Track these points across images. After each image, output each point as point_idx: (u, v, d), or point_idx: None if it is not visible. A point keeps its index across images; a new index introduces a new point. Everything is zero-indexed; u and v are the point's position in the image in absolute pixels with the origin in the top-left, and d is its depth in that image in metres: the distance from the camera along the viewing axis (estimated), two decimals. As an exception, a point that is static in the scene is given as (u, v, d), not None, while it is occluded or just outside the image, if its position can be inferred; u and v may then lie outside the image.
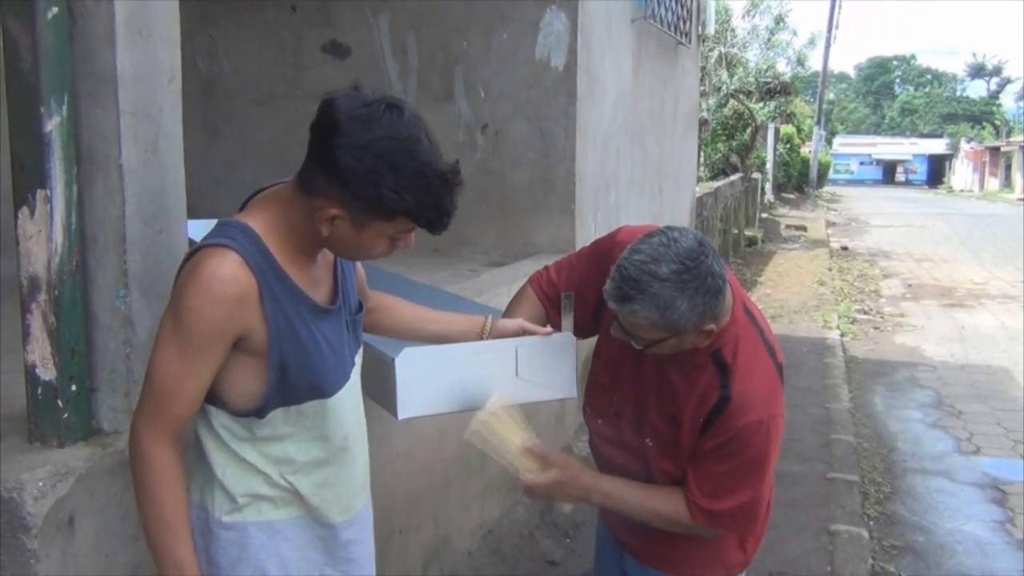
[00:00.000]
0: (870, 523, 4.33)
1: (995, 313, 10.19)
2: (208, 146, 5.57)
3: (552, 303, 2.05)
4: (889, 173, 59.40)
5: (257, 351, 1.48)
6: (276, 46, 5.44)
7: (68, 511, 1.62)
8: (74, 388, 1.72)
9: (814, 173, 31.00)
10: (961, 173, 53.21)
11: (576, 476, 1.87)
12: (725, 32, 18.26)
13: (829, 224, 21.67)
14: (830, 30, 29.10)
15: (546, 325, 2.02)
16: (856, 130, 71.73)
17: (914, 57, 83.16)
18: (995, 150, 47.00)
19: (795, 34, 21.02)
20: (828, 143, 42.99)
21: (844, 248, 16.43)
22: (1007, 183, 44.15)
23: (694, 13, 8.07)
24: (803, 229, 18.73)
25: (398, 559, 2.96)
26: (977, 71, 73.29)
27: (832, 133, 48.87)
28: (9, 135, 1.65)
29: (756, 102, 19.97)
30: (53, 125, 1.63)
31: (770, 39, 20.24)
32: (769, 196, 23.39)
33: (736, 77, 18.99)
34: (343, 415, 1.63)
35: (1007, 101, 68.02)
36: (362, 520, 1.72)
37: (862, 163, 59.06)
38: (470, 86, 4.98)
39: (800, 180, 30.26)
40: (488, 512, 3.75)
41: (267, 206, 1.52)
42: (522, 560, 3.61)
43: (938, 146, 58.10)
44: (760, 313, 1.92)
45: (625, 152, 5.96)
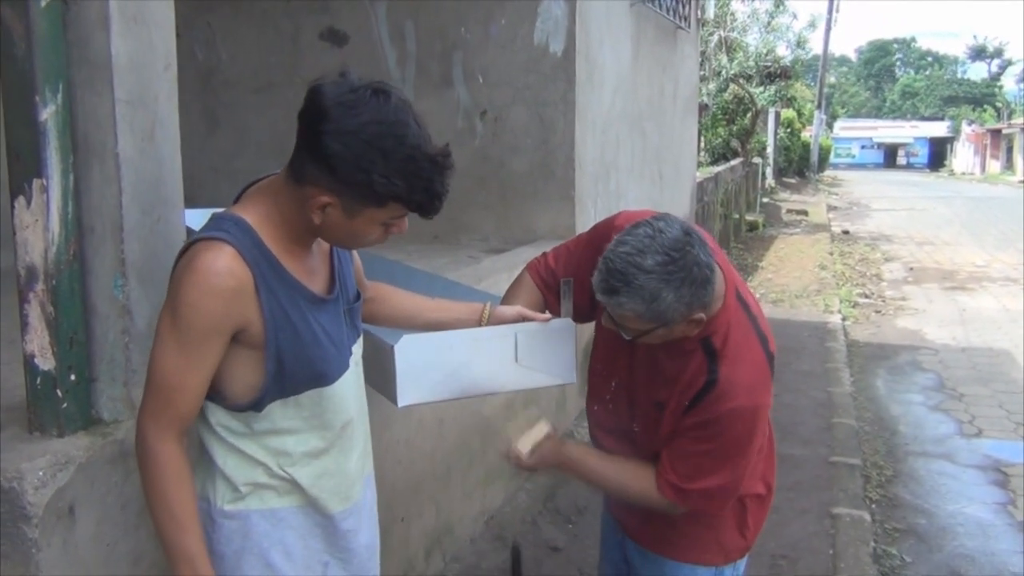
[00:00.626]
0: (872, 506, 4.33)
1: (996, 296, 10.18)
2: (207, 135, 5.56)
3: (550, 289, 2.04)
4: (890, 157, 59.23)
5: (254, 343, 1.48)
6: (273, 34, 5.42)
7: (68, 500, 1.62)
8: (73, 378, 1.71)
9: (815, 157, 30.93)
10: (962, 156, 53.07)
11: (554, 443, 1.90)
12: (725, 16, 18.21)
13: (830, 208, 21.63)
14: (830, 13, 29.00)
15: (544, 312, 2.01)
16: (857, 114, 71.58)
17: (915, 40, 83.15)
18: (996, 132, 46.85)
19: (795, 17, 21.03)
20: (829, 127, 42.93)
21: (845, 232, 16.41)
22: (1008, 165, 44.07)
23: (693, -3, 8.04)
24: (804, 213, 18.70)
25: (400, 546, 2.97)
26: (978, 53, 72.97)
27: (833, 117, 48.79)
28: (4, 124, 1.64)
29: (756, 86, 19.91)
30: (48, 113, 1.62)
31: (770, 22, 20.20)
32: (770, 181, 23.34)
33: (736, 61, 18.94)
34: (343, 403, 1.62)
35: (1008, 83, 67.78)
36: (359, 509, 1.72)
37: (863, 147, 58.86)
38: (468, 72, 4.97)
39: (801, 164, 30.18)
40: (490, 499, 3.76)
41: (260, 198, 1.52)
42: (525, 546, 3.62)
43: (939, 129, 57.95)
44: (755, 301, 1.91)
45: (625, 138, 5.94)
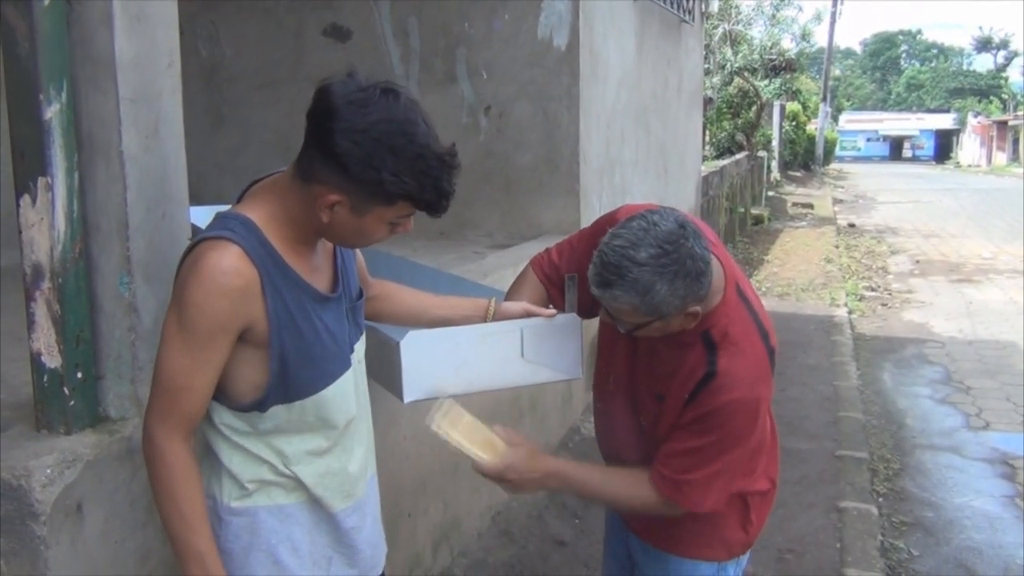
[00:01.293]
0: (879, 500, 4.33)
1: (1003, 288, 10.15)
2: (211, 132, 5.57)
3: (554, 285, 2.04)
4: (896, 149, 58.98)
5: (259, 342, 1.48)
6: (276, 30, 5.41)
7: (76, 498, 1.63)
8: (80, 376, 1.72)
9: (820, 150, 30.85)
10: (968, 148, 52.81)
11: (529, 458, 1.82)
12: (729, 9, 18.12)
13: (836, 201, 21.57)
14: (835, 5, 28.90)
15: (548, 307, 2.01)
16: (862, 106, 71.22)
17: (920, 31, 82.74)
18: (1003, 124, 46.64)
19: (800, 10, 20.99)
20: (834, 120, 42.76)
21: (851, 225, 16.37)
22: (1015, 157, 43.85)
23: (697, -10, 8.02)
24: (810, 207, 18.65)
25: (407, 541, 2.97)
26: (983, 45, 72.57)
27: (838, 110, 48.54)
28: (9, 122, 1.64)
29: (761, 79, 19.86)
30: (53, 112, 1.62)
31: (775, 15, 20.10)
32: (775, 174, 23.26)
33: (740, 54, 18.88)
34: (346, 401, 1.62)
35: (1014, 74, 67.41)
36: (362, 506, 1.72)
37: (869, 139, 58.64)
38: (472, 68, 4.96)
39: (806, 157, 30.09)
40: (497, 494, 3.76)
41: (265, 196, 1.52)
42: (531, 541, 3.62)
43: (945, 121, 57.63)
44: (756, 296, 1.90)
45: (629, 132, 5.93)
